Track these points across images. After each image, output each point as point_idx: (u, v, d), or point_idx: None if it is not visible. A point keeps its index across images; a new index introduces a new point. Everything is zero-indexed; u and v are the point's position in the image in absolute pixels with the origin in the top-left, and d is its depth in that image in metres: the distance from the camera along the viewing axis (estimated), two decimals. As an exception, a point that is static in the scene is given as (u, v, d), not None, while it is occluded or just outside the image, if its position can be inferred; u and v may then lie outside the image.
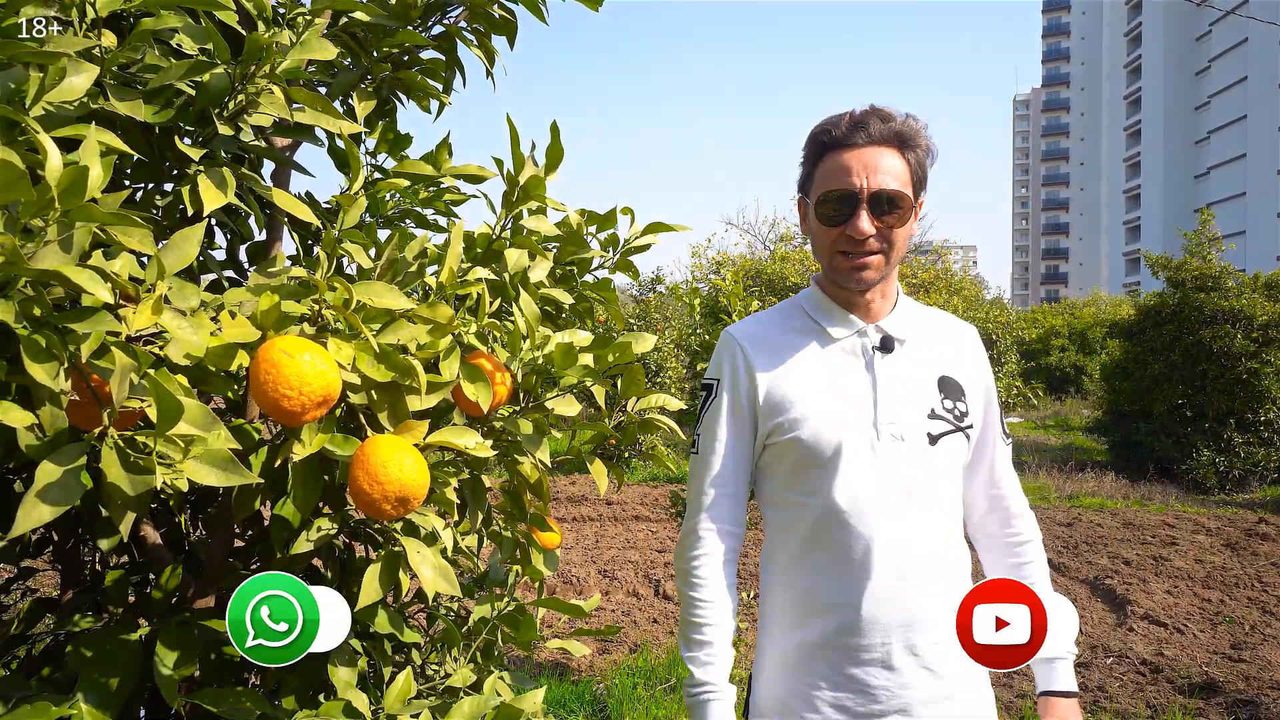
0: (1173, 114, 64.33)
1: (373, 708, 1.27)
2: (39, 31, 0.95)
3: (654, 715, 3.85)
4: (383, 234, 1.73)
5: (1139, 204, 70.06)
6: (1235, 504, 9.70)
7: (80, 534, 1.59)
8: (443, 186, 1.82)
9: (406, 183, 1.35)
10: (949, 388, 1.51)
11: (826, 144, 1.45)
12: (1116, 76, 77.62)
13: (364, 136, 1.77)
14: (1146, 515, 8.90)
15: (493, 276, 1.25)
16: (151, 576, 1.46)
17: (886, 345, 1.49)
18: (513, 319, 1.24)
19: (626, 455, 11.11)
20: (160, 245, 0.89)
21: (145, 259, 0.93)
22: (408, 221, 1.82)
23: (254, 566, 1.57)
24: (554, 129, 1.40)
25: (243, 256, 1.70)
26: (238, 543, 1.62)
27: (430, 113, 1.74)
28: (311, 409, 0.96)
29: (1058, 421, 17.82)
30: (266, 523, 1.57)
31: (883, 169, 1.41)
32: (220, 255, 1.69)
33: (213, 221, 1.72)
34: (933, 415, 1.47)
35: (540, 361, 1.25)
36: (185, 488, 0.82)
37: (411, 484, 1.01)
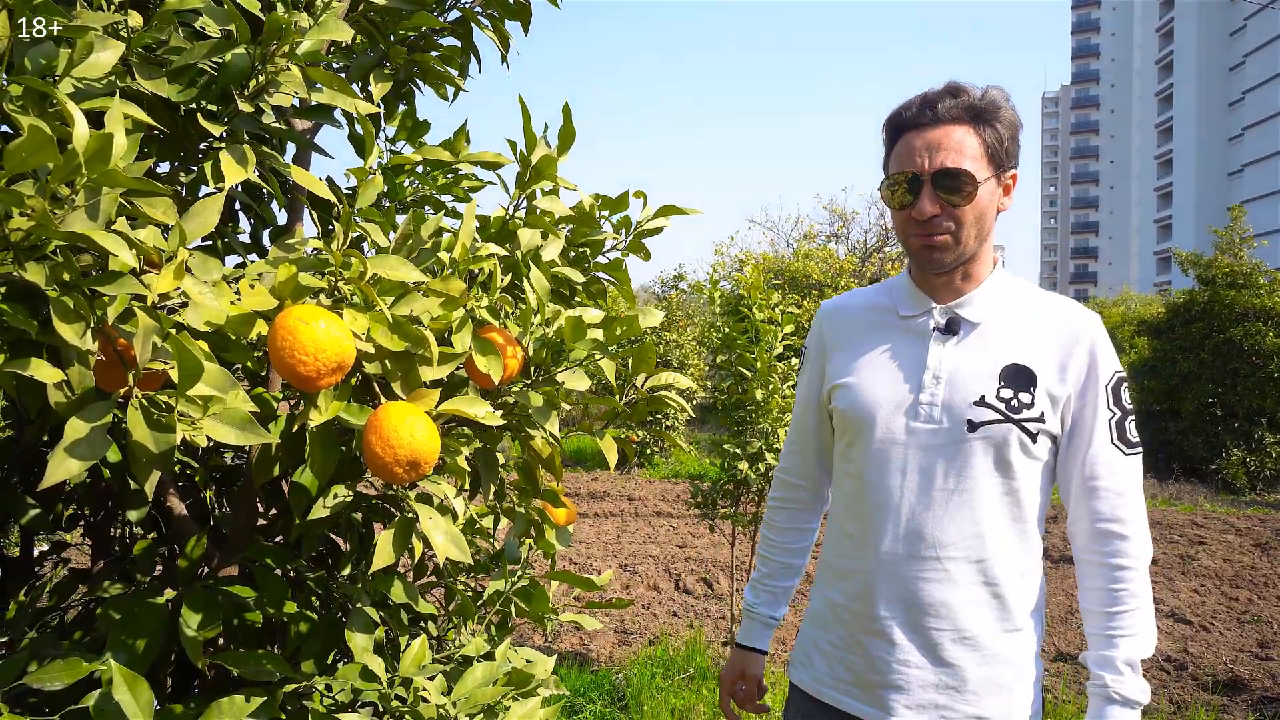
0: (1205, 110, 63.33)
1: (388, 675, 1.31)
2: (39, 32, 0.99)
3: (672, 704, 3.87)
4: (401, 220, 1.78)
5: (1170, 202, 69.05)
6: (1266, 504, 9.56)
7: (110, 507, 1.64)
8: (461, 173, 1.86)
9: (420, 158, 1.38)
10: (1014, 377, 1.42)
11: (899, 126, 1.45)
12: (1148, 72, 76.55)
13: (383, 123, 1.81)
14: (1174, 514, 8.80)
15: (504, 253, 1.28)
16: (177, 547, 1.51)
17: (951, 327, 1.46)
18: (525, 295, 1.27)
19: (649, 452, 11.15)
20: (182, 216, 0.93)
21: (170, 231, 0.96)
22: (427, 209, 1.86)
23: (277, 540, 1.62)
24: (566, 110, 1.43)
25: (266, 241, 1.75)
26: (261, 521, 1.68)
27: (447, 100, 1.78)
28: (327, 374, 1.00)
29: (1085, 421, 17.61)
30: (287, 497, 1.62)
31: (947, 147, 1.39)
32: (244, 239, 1.74)
33: (237, 206, 1.78)
34: (980, 403, 1.41)
35: (551, 336, 1.28)
36: (204, 443, 0.85)
37: (423, 448, 1.04)
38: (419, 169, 1.85)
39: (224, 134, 1.13)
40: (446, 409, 1.12)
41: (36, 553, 1.80)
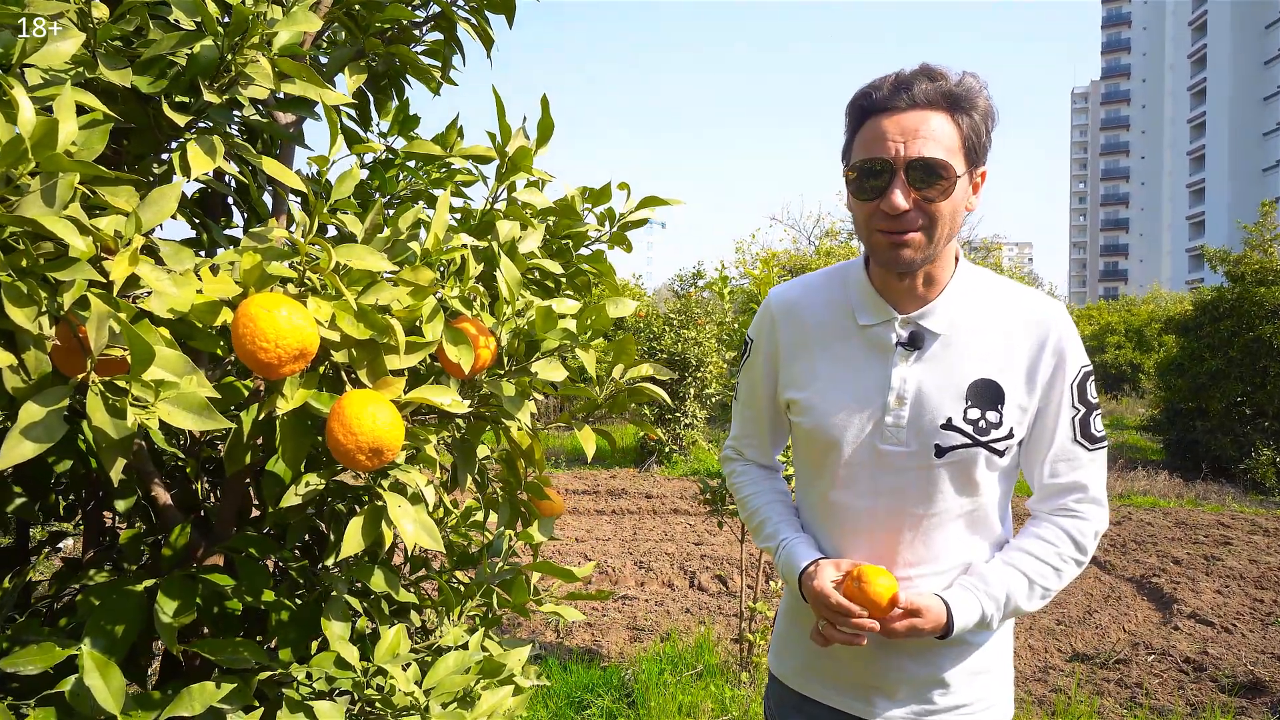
0: (1240, 105, 62.23)
1: (364, 664, 1.32)
2: (39, 33, 1.01)
3: (679, 700, 3.87)
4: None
5: (1203, 198, 67.96)
6: (1296, 504, 9.37)
7: (101, 497, 1.67)
8: (454, 168, 1.87)
9: (381, 147, 1.39)
10: (981, 395, 1.35)
11: (867, 108, 1.31)
12: (1180, 67, 75.39)
13: (376, 117, 1.83)
14: (1200, 514, 8.65)
15: (476, 243, 1.29)
16: (164, 536, 1.53)
17: (915, 341, 1.38)
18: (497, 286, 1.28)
19: (668, 450, 11.13)
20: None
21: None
22: (420, 204, 1.87)
23: (266, 531, 1.64)
24: (544, 102, 1.43)
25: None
26: (255, 512, 1.69)
27: (438, 94, 1.79)
28: (288, 362, 1.00)
29: (1112, 420, 17.40)
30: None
31: (925, 134, 1.26)
32: (238, 234, 1.76)
33: (230, 200, 1.80)
34: (948, 426, 1.34)
35: (524, 326, 1.28)
36: (155, 425, 0.86)
37: (385, 436, 1.04)
38: (411, 163, 1.86)
39: (190, 124, 1.14)
40: (413, 397, 1.13)
41: (37, 541, 1.84)
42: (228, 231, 1.72)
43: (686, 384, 10.99)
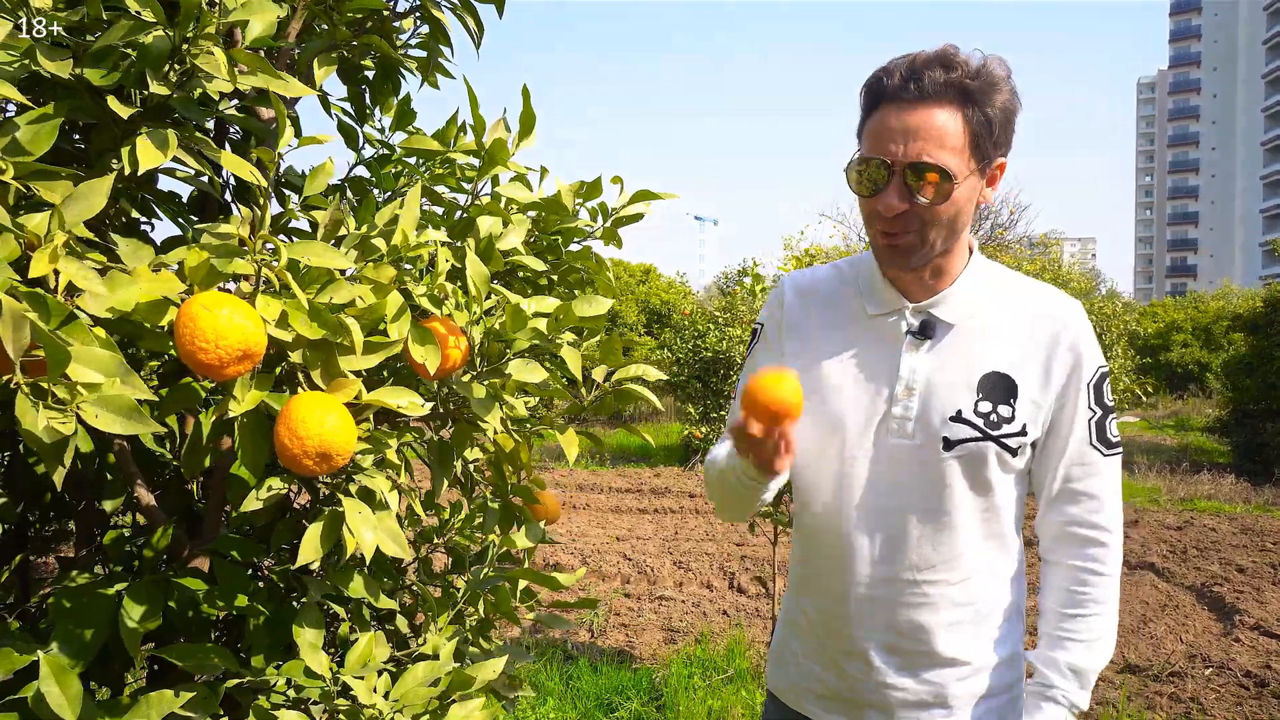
0: (1318, 92, 59.68)
1: (334, 673, 1.28)
2: (39, 33, 0.99)
3: (709, 705, 3.80)
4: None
5: (1278, 191, 65.32)
6: (1373, 511, 8.90)
7: (92, 498, 1.66)
8: (459, 164, 1.83)
9: (330, 139, 1.35)
10: (993, 388, 1.30)
11: (878, 94, 1.25)
12: (1254, 53, 72.59)
13: (379, 112, 1.80)
14: (1269, 520, 8.26)
15: (446, 239, 1.24)
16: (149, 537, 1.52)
17: (925, 330, 1.33)
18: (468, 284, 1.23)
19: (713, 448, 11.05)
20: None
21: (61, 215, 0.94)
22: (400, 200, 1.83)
23: (242, 532, 1.61)
24: (525, 93, 1.38)
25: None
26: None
27: (436, 87, 1.75)
28: (231, 363, 0.97)
29: (1176, 421, 16.79)
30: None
31: (927, 135, 1.20)
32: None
33: (229, 197, 1.78)
34: (957, 418, 1.29)
35: (497, 326, 1.23)
36: (71, 430, 0.83)
37: (333, 440, 1.00)
38: (411, 159, 1.83)
39: (135, 118, 1.11)
40: (370, 399, 1.09)
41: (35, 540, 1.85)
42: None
43: (731, 382, 10.88)
